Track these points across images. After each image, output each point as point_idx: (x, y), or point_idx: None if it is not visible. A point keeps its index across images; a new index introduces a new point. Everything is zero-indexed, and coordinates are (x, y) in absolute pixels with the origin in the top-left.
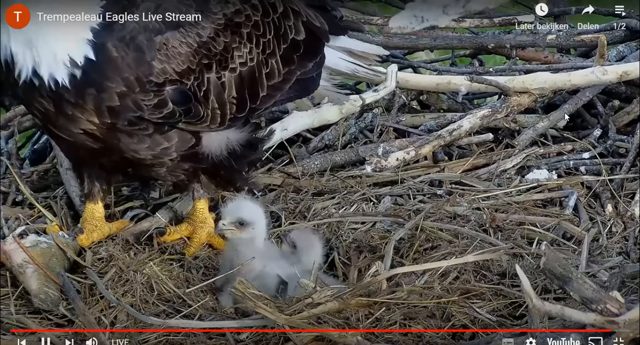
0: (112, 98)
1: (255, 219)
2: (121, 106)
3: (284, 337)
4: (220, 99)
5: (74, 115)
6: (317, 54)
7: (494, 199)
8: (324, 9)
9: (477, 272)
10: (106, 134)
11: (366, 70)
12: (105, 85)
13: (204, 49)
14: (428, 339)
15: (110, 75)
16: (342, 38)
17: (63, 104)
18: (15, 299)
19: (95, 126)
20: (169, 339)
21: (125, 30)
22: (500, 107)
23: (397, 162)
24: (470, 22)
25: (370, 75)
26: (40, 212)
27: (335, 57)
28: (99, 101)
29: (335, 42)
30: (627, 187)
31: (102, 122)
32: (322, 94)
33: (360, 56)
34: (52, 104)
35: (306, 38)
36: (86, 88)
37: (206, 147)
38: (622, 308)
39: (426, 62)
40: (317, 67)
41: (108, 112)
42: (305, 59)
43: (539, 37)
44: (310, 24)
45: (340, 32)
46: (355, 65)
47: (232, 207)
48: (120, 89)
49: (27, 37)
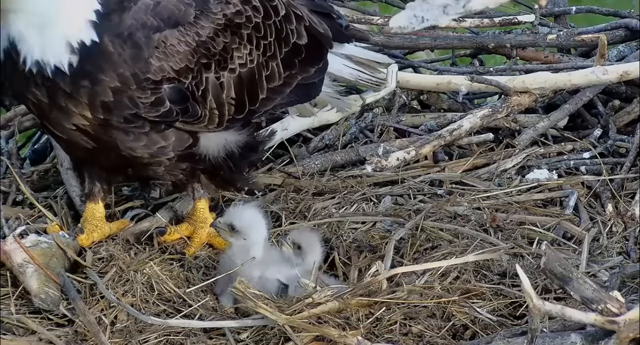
0: (106, 93)
1: (250, 230)
2: (115, 102)
3: (284, 337)
4: (218, 100)
5: (67, 108)
6: (320, 59)
7: (494, 198)
8: (329, 16)
9: (477, 272)
10: (99, 130)
11: (370, 77)
12: (100, 78)
13: (203, 48)
14: (428, 338)
15: (106, 69)
16: (347, 46)
17: (57, 94)
18: (15, 299)
19: (88, 121)
20: (169, 338)
21: (123, 26)
22: (500, 107)
23: (398, 161)
24: (470, 22)
25: (374, 82)
26: (40, 212)
27: (339, 64)
28: (93, 95)
29: (339, 50)
30: (628, 187)
31: (95, 117)
32: (324, 100)
33: (365, 64)
34: (46, 93)
35: (309, 43)
36: (80, 79)
37: (204, 148)
38: (622, 308)
39: (426, 62)
40: (320, 72)
41: (101, 107)
42: (307, 63)
43: (539, 37)
44: (313, 30)
45: (345, 40)
46: (359, 73)
47: (231, 211)
48: (114, 84)
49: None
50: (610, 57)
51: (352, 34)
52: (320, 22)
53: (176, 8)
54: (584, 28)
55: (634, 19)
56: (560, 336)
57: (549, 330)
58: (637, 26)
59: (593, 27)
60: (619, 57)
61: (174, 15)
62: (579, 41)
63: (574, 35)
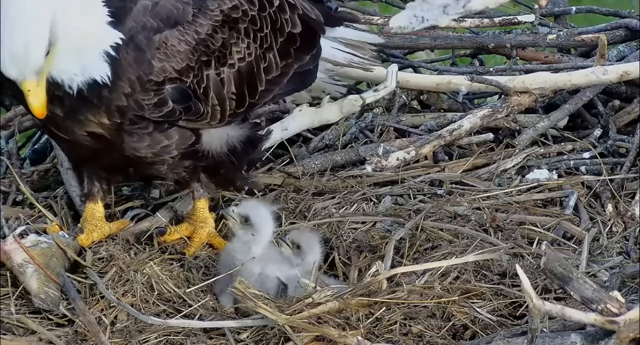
0: (120, 98)
1: (261, 228)
2: (127, 106)
3: (284, 337)
4: (219, 96)
5: (84, 118)
6: (314, 46)
7: (494, 198)
8: (319, 0)
9: (477, 272)
10: (113, 134)
11: (362, 59)
12: (117, 85)
13: (203, 46)
14: (428, 338)
15: (121, 75)
16: (338, 29)
17: (79, 106)
18: (15, 299)
19: (104, 127)
20: (169, 338)
21: (125, 30)
22: (500, 107)
23: (398, 161)
24: (470, 21)
25: (367, 64)
26: (40, 212)
27: (331, 48)
28: (109, 101)
29: (330, 33)
30: (628, 186)
31: (112, 122)
32: (319, 87)
33: (356, 46)
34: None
35: (302, 31)
36: (102, 89)
37: (206, 144)
38: (622, 308)
39: (426, 62)
40: (314, 59)
41: (117, 112)
42: (302, 51)
43: (539, 37)
44: (306, 17)
45: (336, 23)
46: (351, 56)
47: (249, 204)
48: (126, 89)
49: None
50: (610, 57)
51: (342, 16)
52: (312, 7)
53: (174, 7)
54: (584, 28)
55: (634, 19)
56: (560, 336)
57: (549, 330)
58: (637, 26)
59: (593, 27)
60: (619, 57)
61: (172, 15)
62: (579, 41)
63: (574, 35)
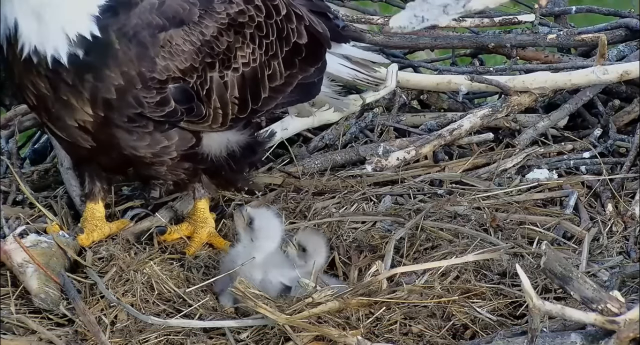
0: (109, 90)
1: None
2: (119, 101)
3: (284, 337)
4: (222, 99)
5: (69, 102)
6: (319, 59)
7: (494, 198)
8: (326, 16)
9: (477, 272)
10: (99, 128)
11: (367, 77)
12: (104, 74)
13: (207, 47)
14: (428, 338)
15: (111, 66)
16: (344, 45)
17: (60, 85)
18: (15, 299)
19: (90, 117)
20: (169, 338)
21: (129, 25)
22: (500, 107)
23: (398, 161)
24: (470, 21)
25: (371, 82)
26: (40, 212)
27: (337, 64)
28: (96, 90)
29: (337, 49)
30: (628, 186)
31: (96, 114)
32: (323, 100)
33: (362, 64)
34: (49, 84)
35: (308, 42)
36: (84, 72)
37: (206, 148)
38: (622, 308)
39: (426, 62)
40: (319, 72)
41: (103, 104)
42: (307, 63)
43: (540, 37)
44: (312, 29)
45: (342, 40)
46: (356, 72)
47: (258, 211)
48: (118, 82)
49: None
50: (610, 56)
51: (349, 34)
52: (319, 21)
53: (181, 7)
54: (584, 28)
55: (634, 19)
56: (560, 336)
57: (549, 330)
58: (637, 26)
59: (593, 27)
60: (619, 56)
61: (178, 14)
62: (579, 41)
63: (574, 35)
